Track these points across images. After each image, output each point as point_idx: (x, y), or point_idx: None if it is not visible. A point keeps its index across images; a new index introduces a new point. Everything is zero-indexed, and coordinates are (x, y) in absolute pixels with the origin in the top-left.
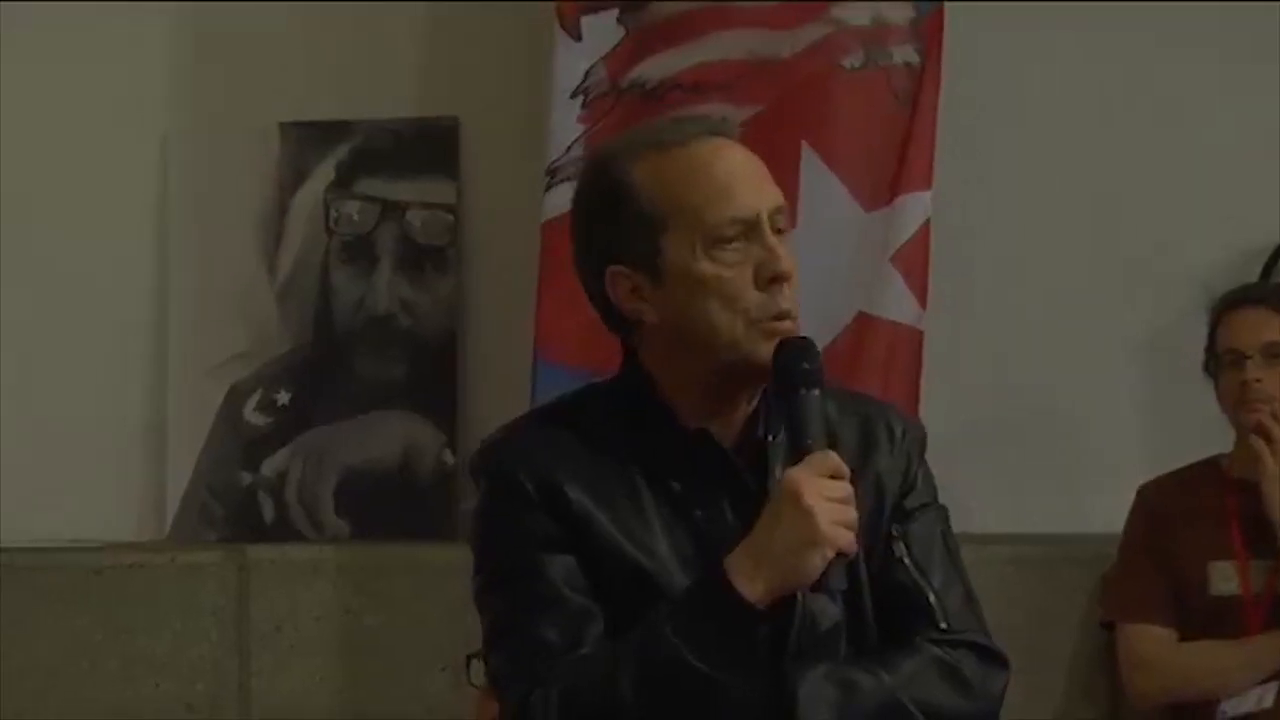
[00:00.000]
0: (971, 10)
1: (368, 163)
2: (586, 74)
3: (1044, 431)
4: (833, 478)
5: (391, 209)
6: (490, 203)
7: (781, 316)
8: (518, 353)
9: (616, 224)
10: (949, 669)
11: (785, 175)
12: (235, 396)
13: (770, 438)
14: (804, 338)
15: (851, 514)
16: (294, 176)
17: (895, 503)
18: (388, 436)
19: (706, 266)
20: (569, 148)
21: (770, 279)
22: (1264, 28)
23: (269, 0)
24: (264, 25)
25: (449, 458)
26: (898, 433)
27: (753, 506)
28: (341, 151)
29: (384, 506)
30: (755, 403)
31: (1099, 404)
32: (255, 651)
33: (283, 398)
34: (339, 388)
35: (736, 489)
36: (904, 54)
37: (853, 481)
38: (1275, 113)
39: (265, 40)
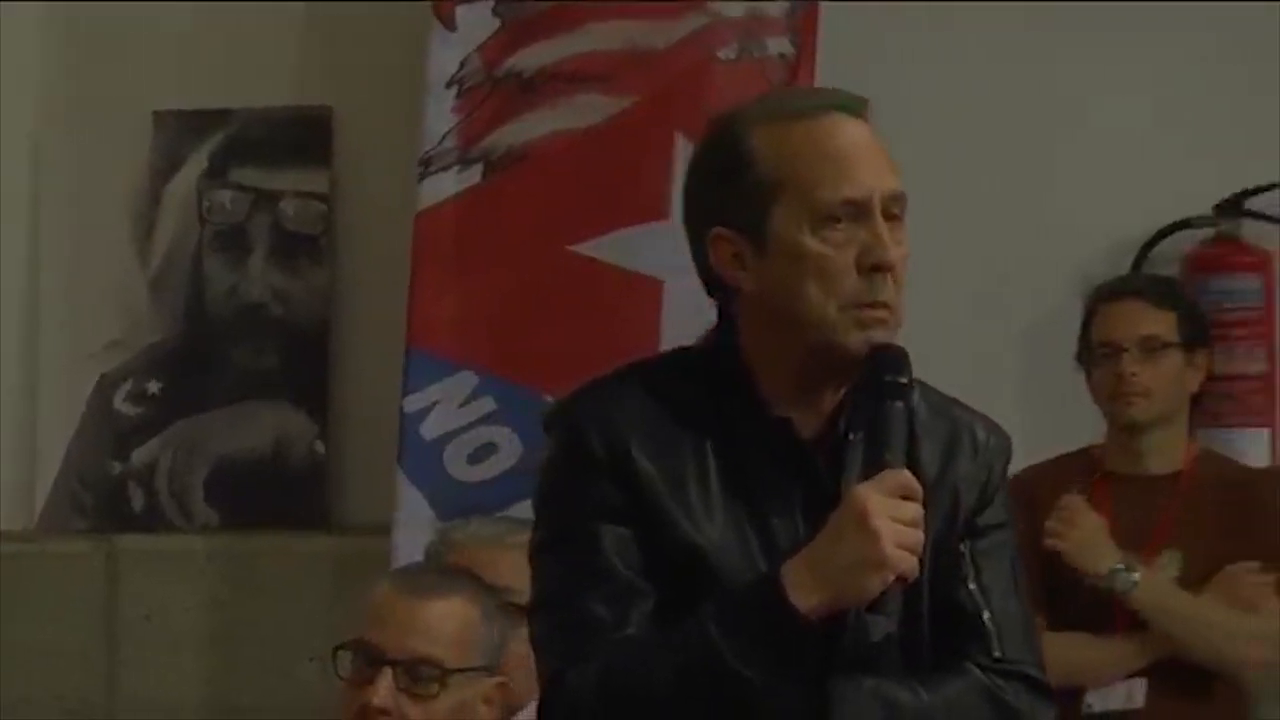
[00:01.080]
0: (845, 7)
1: (241, 152)
2: (461, 64)
3: None
4: (904, 498)
5: (265, 198)
6: (364, 192)
7: (876, 305)
8: (390, 342)
9: (728, 187)
10: (996, 700)
11: (660, 166)
12: (106, 385)
13: (850, 436)
14: (898, 348)
15: (917, 537)
16: (167, 165)
17: (969, 516)
18: (259, 426)
19: (811, 243)
20: (443, 138)
21: (872, 266)
22: (1140, 20)
23: None
24: (137, 13)
25: (320, 447)
26: (981, 441)
27: (821, 504)
28: (215, 140)
29: (255, 496)
30: (842, 396)
31: (975, 398)
32: (124, 642)
33: (154, 387)
34: (211, 377)
35: (808, 483)
36: (779, 45)
37: (930, 488)
38: (1150, 105)
39: (139, 28)
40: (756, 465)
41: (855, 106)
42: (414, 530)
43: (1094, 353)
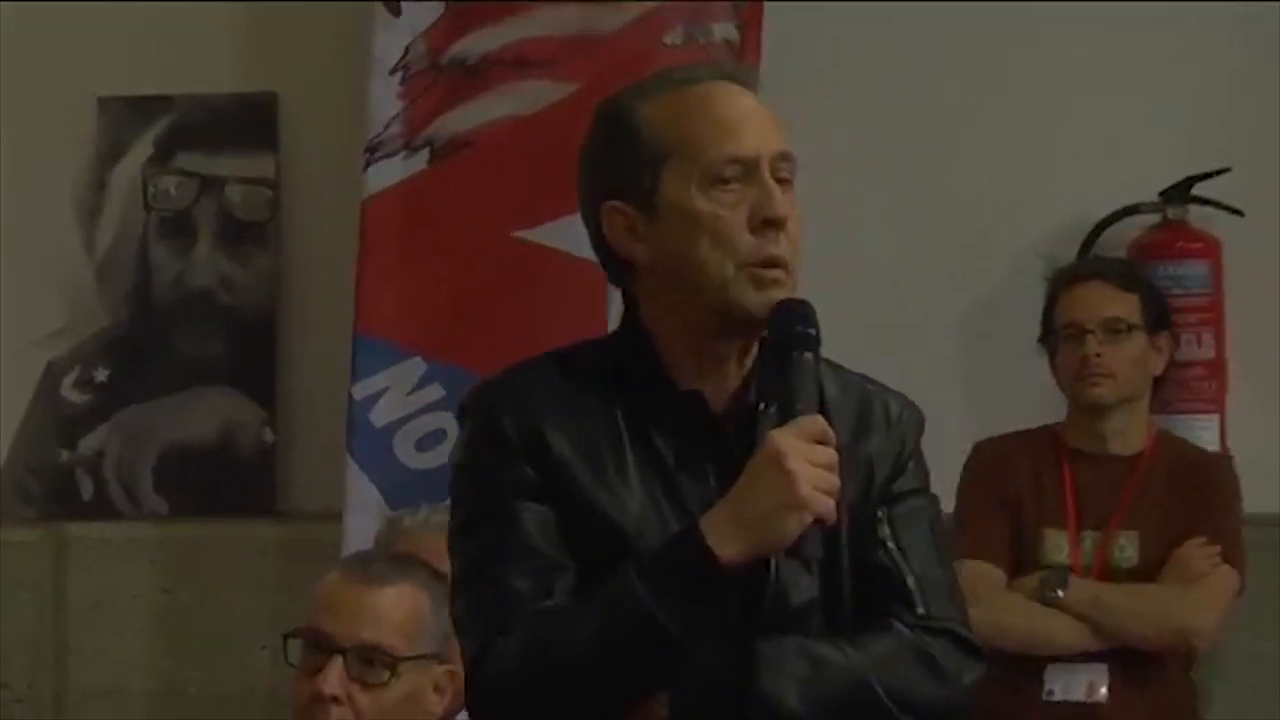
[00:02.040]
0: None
1: (186, 138)
2: (406, 50)
3: None
4: (819, 442)
5: (210, 184)
6: (310, 179)
7: (771, 263)
8: (337, 328)
9: (617, 158)
10: (924, 655)
11: None
12: (53, 373)
13: (762, 406)
14: (801, 300)
15: (834, 480)
16: (112, 151)
17: (884, 485)
18: (207, 413)
19: (702, 203)
20: (388, 124)
21: (764, 222)
22: (1094, 8)
23: None
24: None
25: (268, 434)
26: (894, 415)
27: (737, 475)
28: (160, 126)
29: (203, 483)
30: (750, 365)
31: (919, 383)
32: (73, 629)
33: (101, 374)
34: (158, 364)
35: (722, 454)
36: (724, 31)
37: (844, 460)
38: (1101, 89)
39: (83, 13)
40: (670, 440)
41: (742, 77)
42: (363, 517)
43: (1058, 335)
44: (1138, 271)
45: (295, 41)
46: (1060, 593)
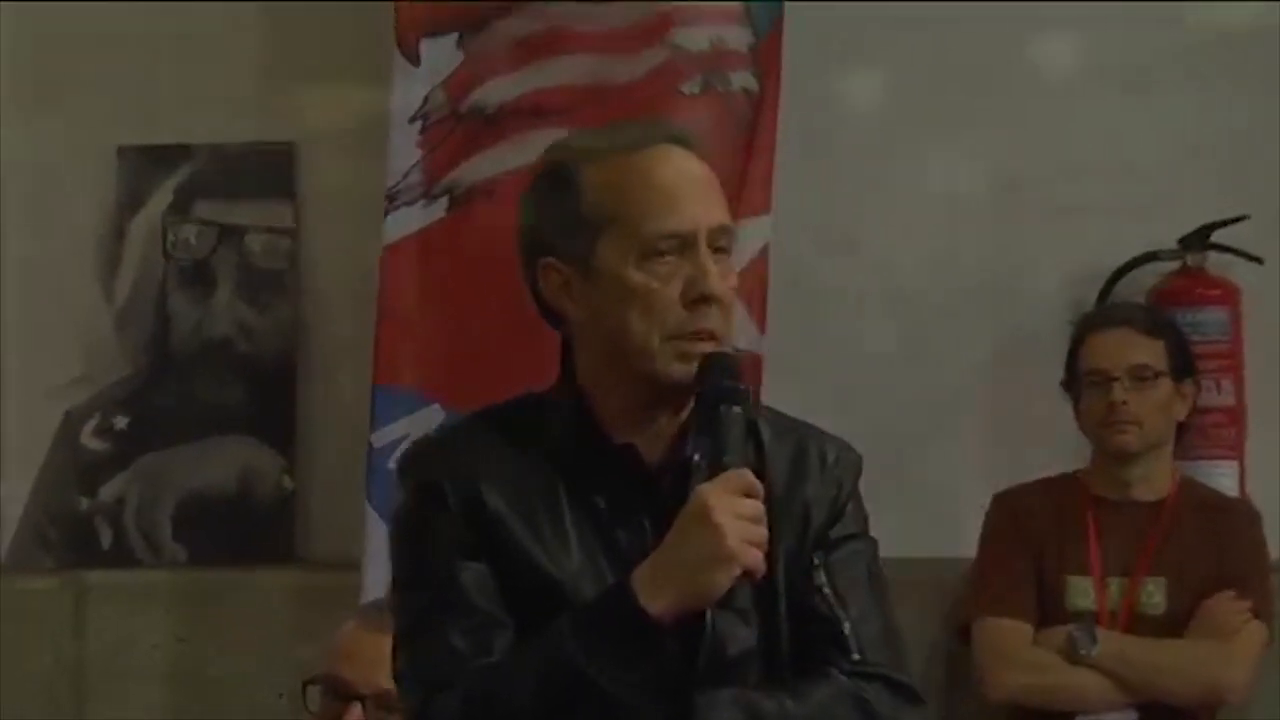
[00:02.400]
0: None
1: (205, 186)
2: (425, 99)
3: (885, 454)
4: (746, 495)
5: (229, 233)
6: (329, 227)
7: (701, 336)
8: (356, 376)
9: (556, 218)
10: (858, 701)
11: None
12: (72, 421)
13: (696, 457)
14: (726, 354)
15: (762, 533)
16: (131, 200)
17: (820, 532)
18: (226, 461)
19: (636, 276)
20: (407, 173)
21: (696, 299)
22: (1114, 50)
23: (108, 26)
24: (102, 49)
25: (287, 482)
26: (830, 459)
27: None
28: (180, 175)
29: (223, 532)
30: (685, 417)
31: (940, 427)
32: (92, 678)
33: (120, 422)
34: (176, 412)
35: (657, 507)
36: (742, 79)
37: (780, 507)
38: (1123, 129)
39: (103, 64)
40: (605, 495)
41: (685, 139)
42: (382, 565)
43: (1082, 381)
44: (1163, 318)
45: (315, 90)
46: (1090, 651)
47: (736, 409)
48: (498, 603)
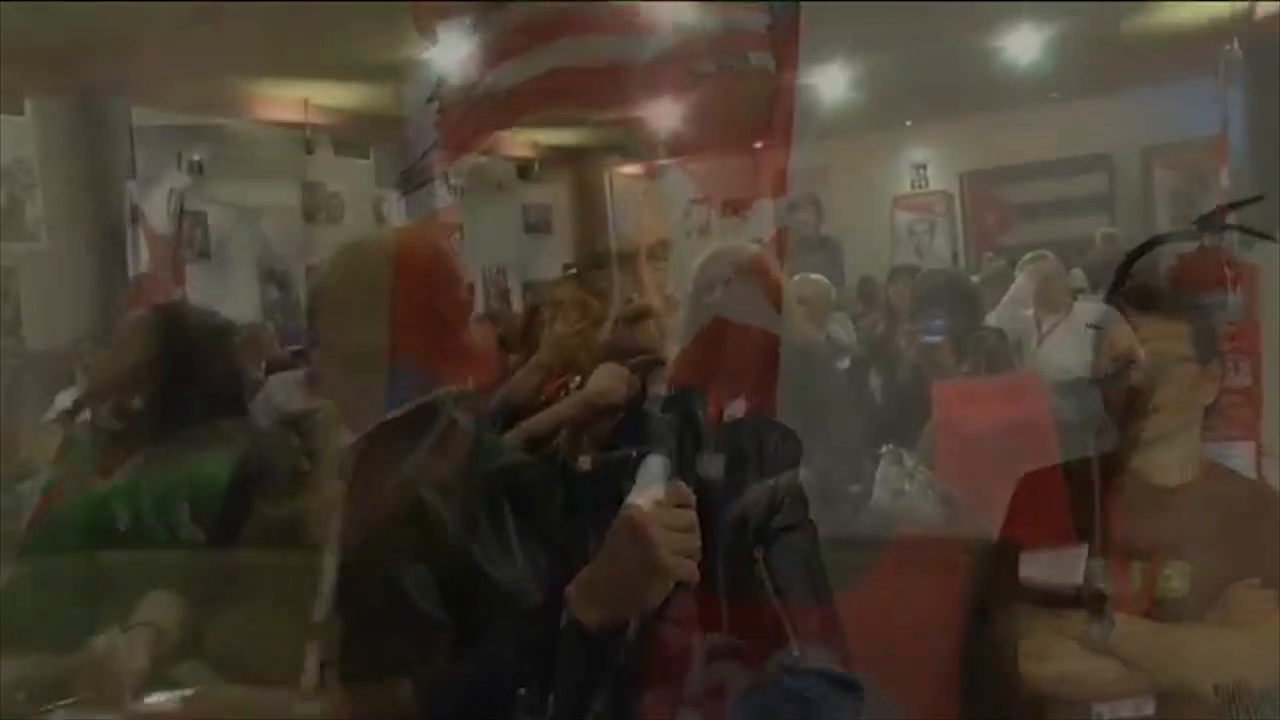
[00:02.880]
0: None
1: (220, 167)
2: (441, 80)
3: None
4: (679, 506)
5: (245, 214)
6: (344, 208)
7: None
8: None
9: None
10: (799, 698)
11: None
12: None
13: (635, 453)
14: (659, 359)
15: (694, 543)
16: (147, 179)
17: (760, 524)
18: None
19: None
20: (424, 154)
21: (634, 313)
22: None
23: None
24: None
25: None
26: (769, 450)
27: (608, 524)
28: (194, 155)
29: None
30: (619, 421)
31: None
32: None
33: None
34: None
35: (594, 509)
36: (760, 59)
37: (719, 500)
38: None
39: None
40: (543, 498)
41: (639, 152)
42: None
43: (1107, 365)
44: (1187, 301)
45: (329, 74)
46: (1108, 636)
47: (666, 415)
48: (439, 605)
